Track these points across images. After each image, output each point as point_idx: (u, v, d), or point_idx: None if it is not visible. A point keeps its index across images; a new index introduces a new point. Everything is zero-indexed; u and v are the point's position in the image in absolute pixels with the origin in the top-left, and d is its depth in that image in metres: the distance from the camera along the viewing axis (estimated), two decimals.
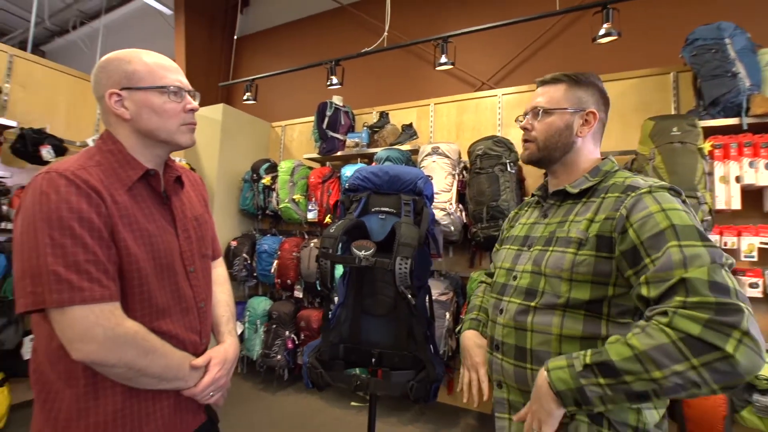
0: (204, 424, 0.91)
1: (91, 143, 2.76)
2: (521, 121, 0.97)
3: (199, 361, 0.84)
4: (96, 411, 0.74)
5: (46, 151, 2.49)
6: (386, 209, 1.26)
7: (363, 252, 1.02)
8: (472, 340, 0.98)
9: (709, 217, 1.91)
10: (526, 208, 1.05)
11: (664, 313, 0.64)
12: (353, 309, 1.26)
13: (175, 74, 0.85)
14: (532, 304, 0.82)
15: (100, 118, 3.05)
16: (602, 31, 2.43)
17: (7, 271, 2.42)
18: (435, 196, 1.73)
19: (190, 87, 0.87)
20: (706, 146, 1.99)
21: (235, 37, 5.22)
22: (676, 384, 0.60)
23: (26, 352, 2.45)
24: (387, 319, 1.24)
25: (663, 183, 0.79)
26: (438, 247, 1.21)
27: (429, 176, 1.37)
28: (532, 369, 0.80)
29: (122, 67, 0.81)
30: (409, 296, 1.02)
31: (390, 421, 2.63)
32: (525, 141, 0.96)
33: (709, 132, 2.06)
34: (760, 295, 1.98)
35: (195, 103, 0.87)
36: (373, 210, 1.27)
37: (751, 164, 1.95)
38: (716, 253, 0.66)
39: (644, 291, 0.69)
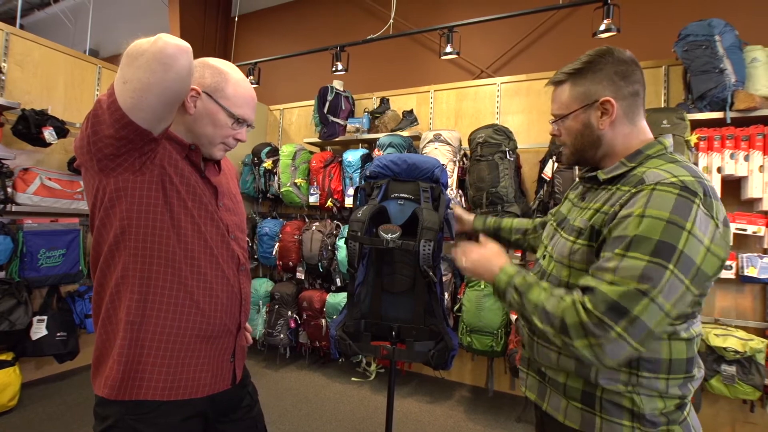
0: (235, 388, 1.00)
1: None
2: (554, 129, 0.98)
3: None
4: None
5: (49, 133, 2.47)
6: (405, 195, 1.36)
7: (390, 235, 1.12)
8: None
9: None
10: (577, 183, 1.02)
11: (572, 293, 0.75)
12: (373, 287, 1.37)
13: (249, 109, 0.95)
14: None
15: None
16: (602, 27, 2.53)
17: (14, 252, 2.43)
18: None
19: (252, 122, 0.97)
20: (693, 138, 2.13)
21: (236, 18, 5.08)
22: (541, 330, 0.78)
23: (35, 332, 2.49)
24: (405, 296, 1.36)
25: (679, 180, 0.70)
26: (451, 231, 1.32)
27: (444, 165, 1.46)
28: (538, 343, 0.90)
29: (217, 78, 0.90)
30: (431, 274, 1.13)
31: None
32: (560, 145, 0.95)
33: (695, 125, 2.21)
34: (732, 276, 2.18)
35: (244, 136, 0.97)
36: (392, 196, 1.37)
37: (732, 156, 2.11)
38: (654, 273, 0.66)
39: (584, 280, 0.75)
